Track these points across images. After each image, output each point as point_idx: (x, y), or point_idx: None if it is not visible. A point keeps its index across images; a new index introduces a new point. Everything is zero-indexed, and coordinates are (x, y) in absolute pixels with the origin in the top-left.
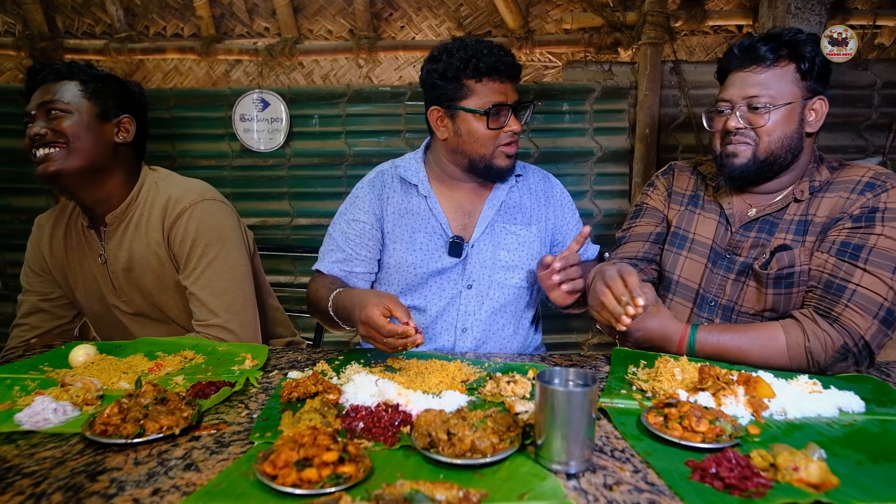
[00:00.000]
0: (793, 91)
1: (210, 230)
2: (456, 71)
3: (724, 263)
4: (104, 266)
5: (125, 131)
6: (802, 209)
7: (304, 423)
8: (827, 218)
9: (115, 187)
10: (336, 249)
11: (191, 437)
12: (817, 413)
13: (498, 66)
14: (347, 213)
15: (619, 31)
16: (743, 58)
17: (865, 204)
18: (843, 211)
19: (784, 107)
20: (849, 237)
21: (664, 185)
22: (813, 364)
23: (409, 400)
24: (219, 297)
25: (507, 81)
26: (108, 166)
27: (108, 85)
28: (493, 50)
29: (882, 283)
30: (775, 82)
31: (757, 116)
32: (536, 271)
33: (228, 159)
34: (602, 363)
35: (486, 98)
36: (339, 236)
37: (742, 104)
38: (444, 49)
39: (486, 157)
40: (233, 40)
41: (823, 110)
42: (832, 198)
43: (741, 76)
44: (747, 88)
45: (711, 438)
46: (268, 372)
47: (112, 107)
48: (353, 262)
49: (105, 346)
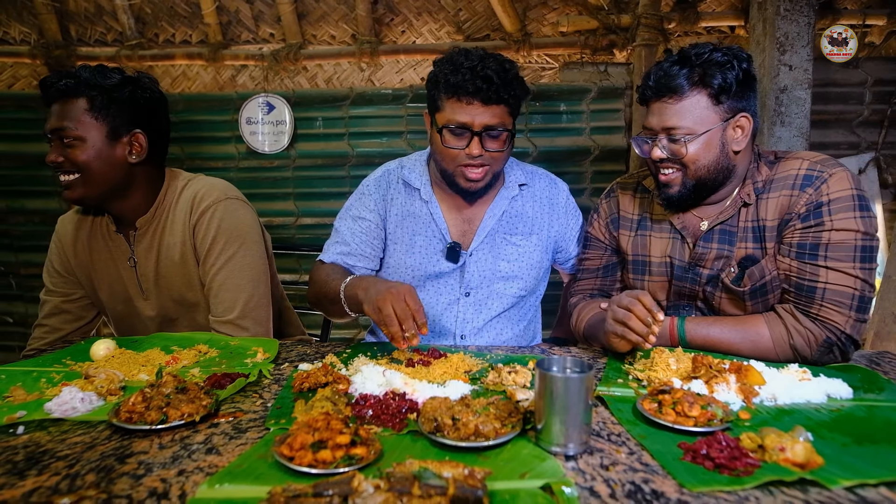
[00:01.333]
0: (709, 118)
1: (231, 228)
2: (435, 81)
3: (689, 276)
4: (133, 269)
5: (138, 148)
6: (752, 213)
7: (316, 411)
8: (777, 219)
9: (141, 197)
10: (341, 243)
11: (210, 424)
12: (806, 399)
13: (466, 87)
14: (354, 209)
15: (613, 33)
16: (657, 87)
17: (809, 200)
18: (789, 211)
19: (703, 135)
20: (802, 238)
21: (606, 212)
22: (799, 358)
23: (415, 389)
24: (234, 294)
25: (478, 102)
26: (130, 183)
27: (118, 94)
28: (473, 69)
29: (847, 275)
30: (690, 112)
31: (678, 147)
32: (537, 279)
33: (235, 161)
34: (599, 354)
35: (450, 116)
36: (345, 231)
37: (663, 135)
38: (444, 56)
39: (449, 174)
40: (239, 46)
41: (748, 127)
42: (775, 197)
43: (658, 106)
44: (664, 119)
45: (703, 422)
46: (279, 365)
47: (122, 123)
48: (357, 257)
49: (123, 341)
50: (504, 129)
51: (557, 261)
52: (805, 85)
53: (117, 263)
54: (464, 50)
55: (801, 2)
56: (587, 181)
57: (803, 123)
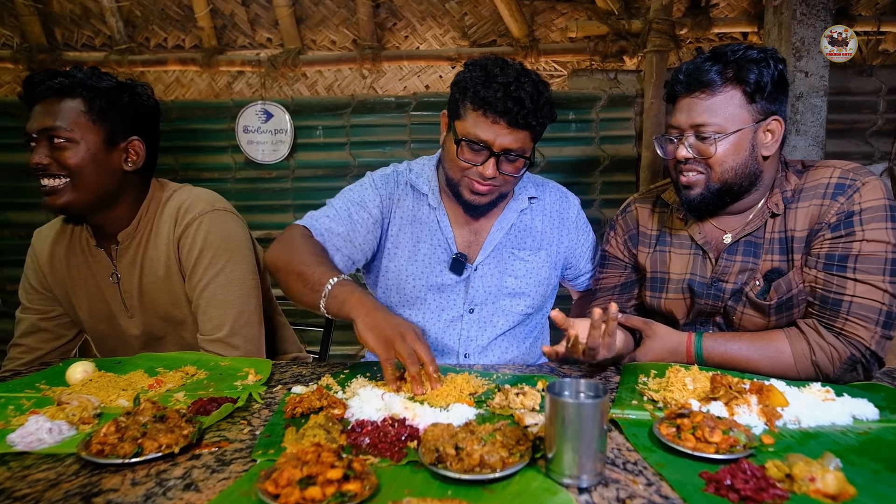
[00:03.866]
0: (741, 116)
1: (218, 241)
2: (463, 88)
3: (711, 293)
4: (116, 286)
5: (134, 156)
6: (780, 224)
7: (307, 440)
8: (806, 230)
9: (126, 209)
10: (333, 218)
11: (191, 456)
12: (831, 421)
13: (495, 105)
14: (354, 192)
15: (624, 39)
16: (688, 82)
17: (840, 209)
18: (819, 220)
19: (733, 135)
20: (832, 248)
21: (623, 229)
22: (822, 376)
23: (415, 414)
24: (223, 311)
25: (503, 123)
26: (119, 193)
27: (116, 99)
28: (507, 87)
29: (875, 288)
30: (722, 108)
31: (706, 146)
32: (545, 296)
33: (232, 172)
34: (612, 373)
35: (471, 129)
36: (341, 209)
37: (690, 133)
38: (478, 61)
39: (455, 183)
40: (235, 51)
41: (779, 132)
42: (805, 207)
43: (687, 102)
44: (694, 116)
45: (725, 449)
46: (271, 387)
47: (120, 129)
48: (344, 240)
49: (104, 362)
50: (522, 156)
51: (566, 277)
52: (821, 92)
53: (98, 280)
54: (500, 61)
55: (817, 6)
56: (596, 192)
57: (819, 132)
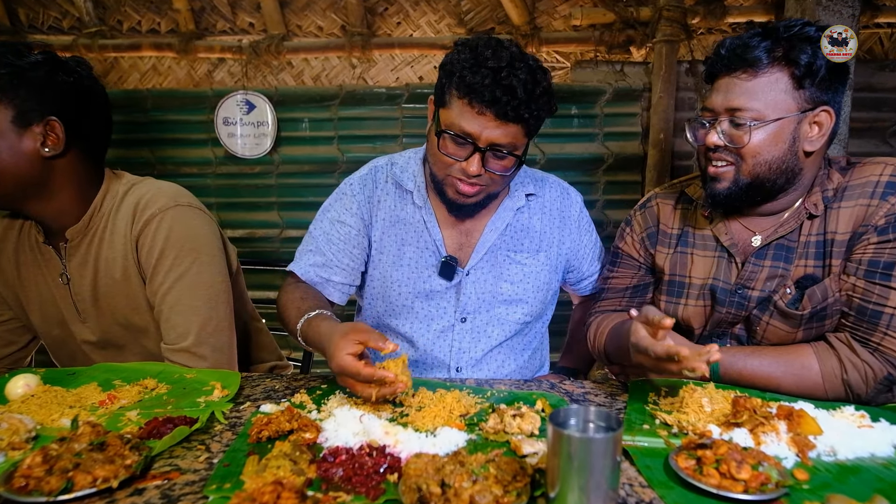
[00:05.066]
0: (785, 103)
1: (182, 240)
2: (449, 71)
3: (734, 301)
4: (66, 287)
5: (53, 139)
6: (818, 226)
7: (270, 472)
8: (849, 233)
9: (67, 202)
10: (315, 251)
11: (133, 491)
12: (870, 452)
13: (482, 93)
14: (332, 210)
15: (631, 27)
16: (730, 59)
17: (890, 211)
18: (865, 223)
19: (773, 123)
20: (877, 254)
21: (641, 226)
22: (852, 396)
23: (397, 440)
24: (187, 317)
25: (491, 115)
26: (47, 182)
27: (32, 74)
28: (496, 73)
29: None
30: (764, 92)
31: (740, 133)
32: (544, 302)
33: (212, 166)
34: (618, 390)
35: (455, 119)
36: (320, 236)
37: (725, 117)
38: (468, 41)
39: (438, 179)
40: (214, 37)
41: (829, 124)
42: (850, 207)
43: (726, 82)
44: (731, 98)
45: (756, 488)
46: (238, 404)
47: (33, 107)
48: (332, 269)
49: (55, 374)
50: (512, 153)
51: (568, 281)
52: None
53: (48, 280)
54: (494, 41)
55: None
56: (599, 192)
57: (843, 129)
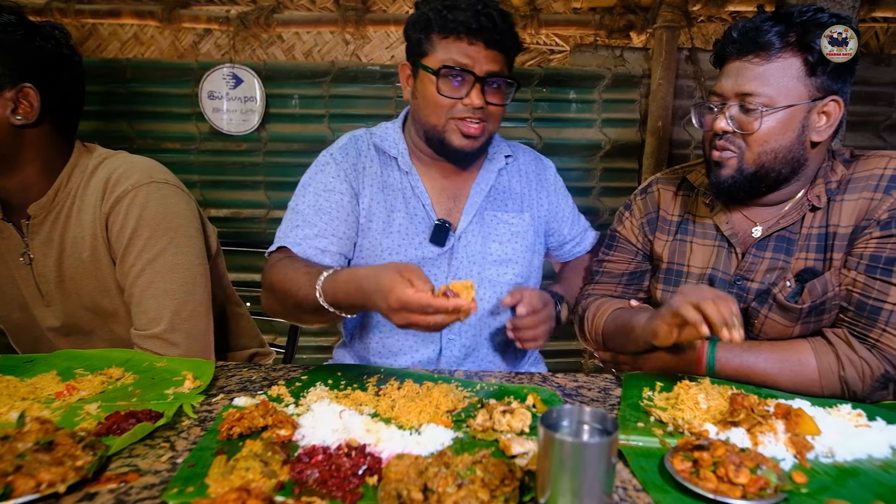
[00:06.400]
0: (797, 90)
1: (157, 218)
2: (426, 21)
3: (733, 292)
4: (28, 268)
5: (26, 106)
6: (821, 218)
7: (238, 475)
8: (851, 226)
9: (32, 174)
10: (304, 224)
11: (83, 496)
12: (867, 453)
13: (468, 23)
14: (316, 181)
15: (632, 12)
16: (741, 42)
17: (894, 205)
18: (868, 216)
19: (783, 110)
20: (878, 249)
21: (641, 211)
22: (848, 393)
23: (379, 438)
24: (160, 301)
25: (481, 44)
26: (15, 153)
27: (4, 37)
28: (473, 5)
29: None
30: (776, 77)
31: (749, 119)
32: (532, 264)
33: (196, 142)
34: (612, 384)
35: (446, 57)
36: (307, 209)
37: (734, 102)
38: None
39: (438, 130)
40: (201, 6)
41: (837, 114)
42: (853, 200)
43: (737, 66)
44: (742, 83)
45: (754, 493)
46: (211, 396)
47: (5, 71)
48: (328, 238)
49: (10, 361)
50: (508, 78)
51: (550, 247)
52: None
53: (7, 260)
54: None
55: None
56: (595, 179)
57: None
